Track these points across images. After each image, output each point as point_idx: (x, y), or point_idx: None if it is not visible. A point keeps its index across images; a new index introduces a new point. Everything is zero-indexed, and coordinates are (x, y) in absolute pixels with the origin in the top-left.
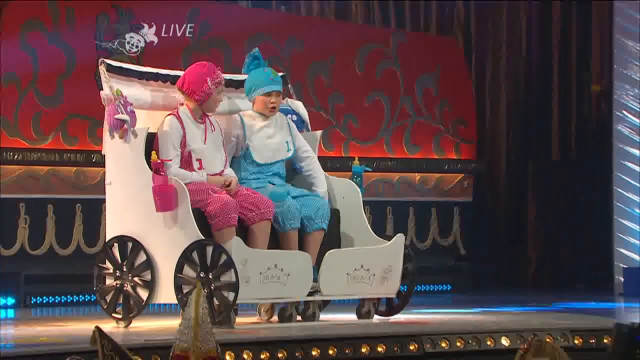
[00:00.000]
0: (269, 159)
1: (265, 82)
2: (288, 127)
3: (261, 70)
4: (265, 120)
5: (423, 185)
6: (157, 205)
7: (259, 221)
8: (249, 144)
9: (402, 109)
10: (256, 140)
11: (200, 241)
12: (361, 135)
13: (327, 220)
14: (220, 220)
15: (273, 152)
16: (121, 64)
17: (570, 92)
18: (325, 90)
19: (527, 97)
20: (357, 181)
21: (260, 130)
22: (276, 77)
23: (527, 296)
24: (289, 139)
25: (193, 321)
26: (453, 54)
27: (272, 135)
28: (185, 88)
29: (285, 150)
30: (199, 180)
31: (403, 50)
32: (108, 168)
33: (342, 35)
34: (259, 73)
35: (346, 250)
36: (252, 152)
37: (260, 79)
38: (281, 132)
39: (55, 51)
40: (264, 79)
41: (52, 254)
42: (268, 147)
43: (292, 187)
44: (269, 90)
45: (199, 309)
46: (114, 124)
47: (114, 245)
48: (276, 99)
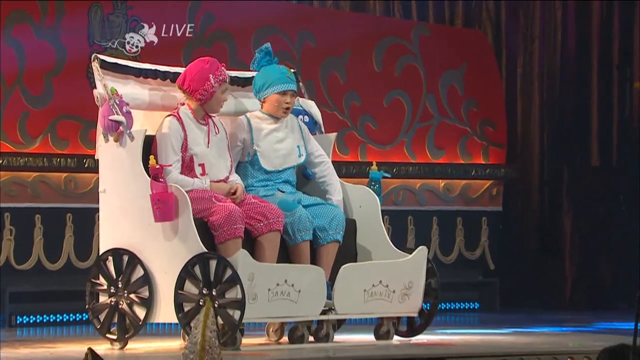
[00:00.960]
0: (279, 165)
1: (281, 79)
2: (299, 129)
3: (275, 67)
4: (275, 122)
5: (448, 193)
6: (156, 215)
7: (268, 232)
8: (256, 149)
9: (425, 109)
10: (264, 144)
11: (203, 254)
12: (379, 138)
13: (342, 232)
14: (224, 232)
15: (283, 158)
16: (116, 60)
17: (610, 90)
18: (340, 89)
19: (563, 96)
20: (375, 188)
21: (269, 133)
22: (292, 76)
23: (562, 315)
24: (301, 143)
25: (199, 345)
26: (481, 48)
27: (282, 139)
28: (187, 86)
29: (296, 155)
30: (202, 188)
31: (426, 45)
32: (102, 174)
33: (359, 28)
34: (273, 70)
35: (363, 265)
36: (260, 158)
37: (274, 77)
38: (292, 136)
39: (43, 46)
40: (280, 76)
41: (40, 268)
42: (277, 152)
43: (304, 195)
44: (285, 89)
45: (207, 331)
46: (109, 125)
47: (108, 258)
48: (291, 100)
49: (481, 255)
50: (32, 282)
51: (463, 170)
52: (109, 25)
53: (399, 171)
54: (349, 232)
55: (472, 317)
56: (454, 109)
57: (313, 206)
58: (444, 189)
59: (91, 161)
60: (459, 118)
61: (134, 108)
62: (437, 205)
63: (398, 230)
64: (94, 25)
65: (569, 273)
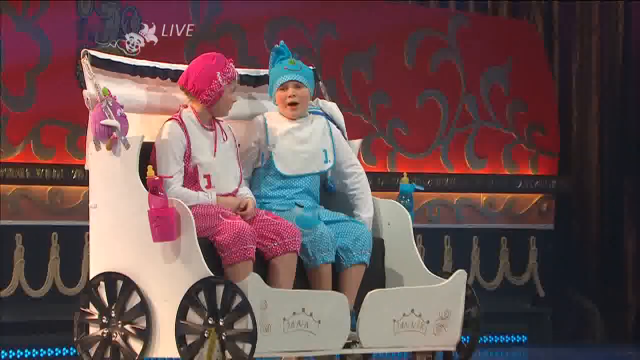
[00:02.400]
0: (299, 170)
1: (279, 72)
2: (329, 132)
3: (279, 63)
4: (294, 122)
5: (490, 209)
6: (155, 233)
7: (283, 254)
8: (271, 150)
9: (464, 111)
10: (282, 145)
11: (209, 279)
12: (411, 145)
13: (368, 252)
14: (233, 253)
15: (304, 162)
16: (109, 56)
17: None
18: (366, 89)
19: (625, 96)
20: (406, 203)
21: (287, 133)
22: (293, 65)
23: (624, 351)
24: (329, 147)
25: None
26: (529, 41)
27: (305, 139)
28: (190, 86)
29: (321, 160)
30: (207, 203)
31: (465, 38)
32: (92, 187)
33: (388, 19)
34: (275, 66)
35: (392, 291)
36: (276, 160)
37: (275, 72)
38: (317, 138)
39: (25, 40)
40: (279, 70)
41: (21, 296)
42: (297, 154)
43: (324, 210)
44: (283, 82)
45: None
46: (100, 131)
47: (100, 284)
48: (295, 91)
49: (529, 280)
50: (11, 311)
51: (508, 182)
52: (101, 13)
53: (433, 183)
54: (376, 253)
55: (519, 352)
56: (497, 112)
57: (335, 223)
58: (485, 204)
59: (80, 172)
60: (503, 122)
61: (130, 111)
62: (478, 222)
63: (433, 251)
64: (84, 15)
65: (632, 301)
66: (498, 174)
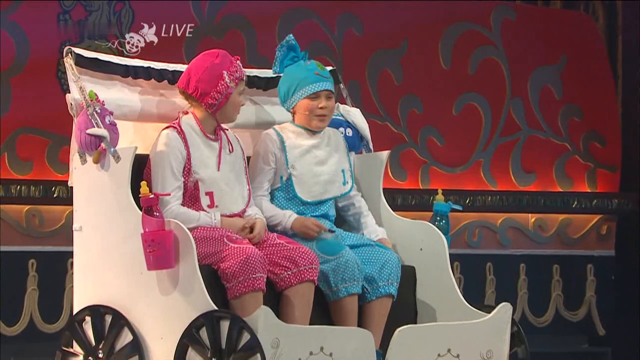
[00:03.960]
0: (319, 195)
1: (308, 78)
2: (345, 147)
3: (301, 64)
4: (312, 137)
5: (540, 232)
6: (149, 260)
7: (298, 283)
8: (291, 172)
9: (509, 118)
10: (301, 167)
11: (212, 313)
12: (447, 157)
13: (396, 283)
14: (240, 283)
15: (324, 186)
16: (97, 55)
17: None
18: (395, 92)
19: None
20: (442, 225)
21: (306, 152)
22: (324, 71)
23: None
24: (346, 166)
25: None
26: (587, 36)
27: (324, 159)
28: (193, 89)
29: (340, 182)
30: (210, 224)
31: (511, 32)
32: (77, 207)
33: (420, 11)
34: (298, 68)
35: (425, 327)
36: (296, 185)
37: (300, 76)
38: (336, 156)
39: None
40: (307, 74)
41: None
42: (318, 177)
43: (345, 233)
44: (316, 90)
45: None
46: (87, 141)
47: (86, 319)
48: (327, 104)
49: (586, 315)
50: None
51: (561, 200)
52: (86, 6)
53: (473, 202)
54: (406, 284)
55: None
56: (548, 119)
57: (356, 248)
58: (535, 227)
59: (63, 189)
60: (555, 131)
61: (121, 118)
62: (526, 248)
63: (472, 281)
64: (67, 9)
65: None
66: (549, 191)
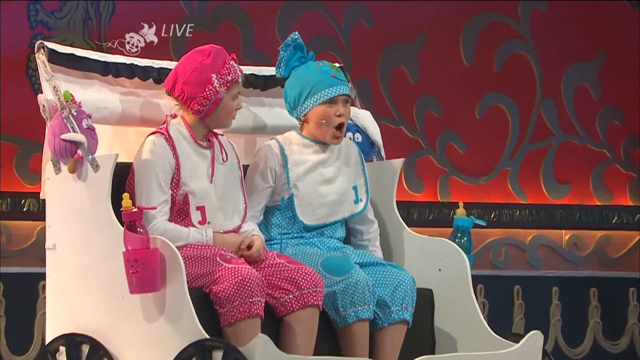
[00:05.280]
0: (324, 218)
1: (325, 82)
2: (359, 160)
3: (312, 65)
4: (321, 151)
5: (576, 251)
6: (132, 282)
7: (301, 308)
8: (293, 192)
9: (540, 122)
10: (304, 186)
11: (203, 342)
12: (470, 166)
13: (411, 307)
14: (235, 308)
15: (331, 208)
16: (73, 50)
17: None
18: (410, 92)
19: None
20: (463, 243)
21: (311, 169)
22: (340, 74)
23: None
24: (360, 182)
25: None
26: (629, 30)
27: (332, 178)
28: (179, 92)
29: (351, 201)
30: (201, 242)
31: (542, 24)
32: (50, 222)
33: (439, 1)
34: (311, 70)
35: (444, 358)
36: (298, 207)
37: (315, 79)
38: (346, 172)
39: None
40: (322, 77)
41: None
42: (323, 198)
43: (354, 251)
44: (334, 95)
45: None
46: (61, 148)
47: (60, 349)
48: (345, 110)
49: (629, 346)
50: None
51: (599, 215)
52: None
53: (499, 216)
54: (422, 309)
55: None
56: (584, 122)
57: (366, 267)
58: (569, 245)
59: (34, 202)
60: (592, 136)
61: (100, 122)
62: (560, 269)
63: (498, 306)
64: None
65: None
66: (586, 204)
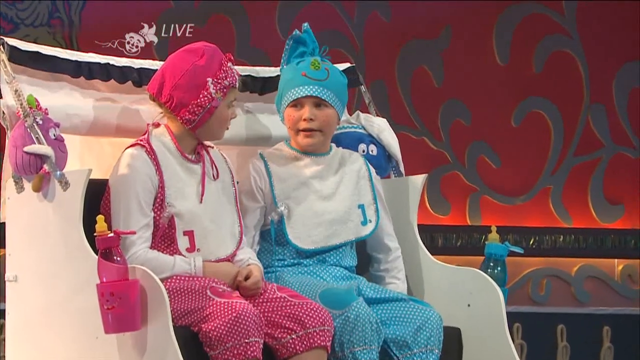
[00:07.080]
0: (325, 240)
1: (293, 81)
2: (368, 175)
3: (295, 62)
4: (312, 162)
5: (630, 284)
6: (107, 320)
7: (306, 351)
8: (282, 212)
9: (587, 131)
10: (296, 203)
11: None
12: (505, 183)
13: (438, 349)
14: (229, 350)
15: (331, 227)
16: (38, 48)
17: None
18: (434, 97)
19: None
20: (497, 273)
21: (302, 185)
22: (317, 72)
23: None
24: (367, 200)
25: None
26: None
27: (330, 193)
28: (165, 97)
29: (358, 222)
30: (189, 273)
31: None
32: (10, 250)
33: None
34: (288, 68)
35: None
36: (289, 229)
37: (286, 78)
38: (348, 187)
39: None
40: (293, 75)
41: None
42: (320, 217)
43: (369, 284)
44: (298, 97)
45: None
46: (24, 162)
47: None
48: (314, 112)
49: None
50: None
51: None
52: None
53: (539, 243)
54: (449, 351)
55: None
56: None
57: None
58: (623, 277)
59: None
60: None
61: (70, 132)
62: (611, 305)
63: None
64: None
65: None
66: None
